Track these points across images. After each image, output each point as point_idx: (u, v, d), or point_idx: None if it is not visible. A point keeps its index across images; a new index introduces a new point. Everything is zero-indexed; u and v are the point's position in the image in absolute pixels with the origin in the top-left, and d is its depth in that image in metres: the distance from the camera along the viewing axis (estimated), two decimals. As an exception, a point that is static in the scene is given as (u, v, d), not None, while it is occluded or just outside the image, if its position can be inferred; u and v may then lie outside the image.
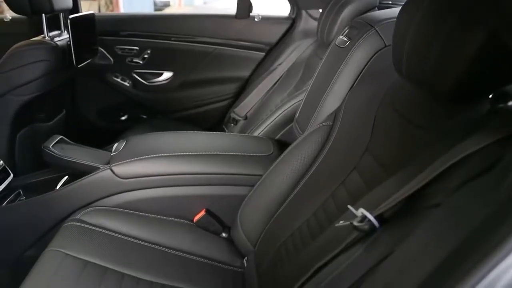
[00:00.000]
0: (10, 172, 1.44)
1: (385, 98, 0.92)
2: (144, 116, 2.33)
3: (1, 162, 1.42)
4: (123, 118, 2.30)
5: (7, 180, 1.41)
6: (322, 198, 0.93)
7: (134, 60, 2.20)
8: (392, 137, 0.83)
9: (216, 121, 2.26)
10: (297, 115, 1.38)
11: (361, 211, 0.63)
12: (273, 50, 2.19)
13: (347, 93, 1.10)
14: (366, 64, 1.14)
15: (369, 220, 0.62)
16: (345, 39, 1.22)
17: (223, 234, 1.23)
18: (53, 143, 1.32)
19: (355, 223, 0.63)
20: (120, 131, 2.00)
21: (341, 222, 0.68)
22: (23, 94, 1.47)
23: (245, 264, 1.12)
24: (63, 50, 1.60)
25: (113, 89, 2.23)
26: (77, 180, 1.20)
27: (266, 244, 1.07)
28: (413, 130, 0.77)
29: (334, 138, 1.03)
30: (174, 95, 2.25)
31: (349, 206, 0.71)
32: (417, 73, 0.73)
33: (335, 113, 1.08)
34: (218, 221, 1.23)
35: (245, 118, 1.97)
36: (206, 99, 2.26)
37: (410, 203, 0.60)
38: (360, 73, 1.16)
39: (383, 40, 1.13)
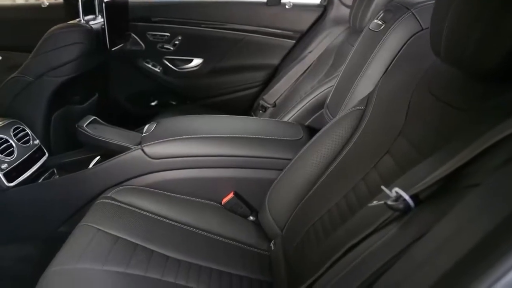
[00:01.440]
0: (46, 151, 1.49)
1: (421, 81, 0.90)
2: (174, 102, 2.36)
3: (37, 141, 1.47)
4: (153, 103, 2.33)
5: (42, 159, 1.46)
6: (353, 182, 0.92)
7: (165, 46, 2.22)
8: (428, 120, 0.81)
9: (244, 108, 2.26)
10: (327, 100, 1.37)
11: (396, 190, 0.62)
12: (304, 37, 2.17)
13: (381, 78, 1.07)
14: (401, 47, 1.12)
15: (404, 200, 0.60)
16: (380, 22, 1.20)
17: (251, 218, 1.24)
18: (86, 122, 1.35)
19: (389, 202, 0.62)
20: (149, 116, 2.03)
21: (374, 202, 0.67)
22: (59, 76, 1.50)
23: (272, 248, 1.12)
24: (97, 34, 1.63)
25: (144, 75, 2.26)
26: (109, 160, 1.23)
27: (294, 228, 1.07)
28: (451, 112, 0.75)
29: (367, 122, 1.01)
30: (204, 82, 2.26)
31: (382, 187, 0.70)
32: (457, 54, 0.71)
33: (368, 98, 1.06)
34: (246, 204, 1.23)
35: (274, 105, 1.96)
36: (235, 86, 2.26)
37: (448, 183, 0.59)
38: (395, 57, 1.13)
39: (419, 23, 1.10)
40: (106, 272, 0.89)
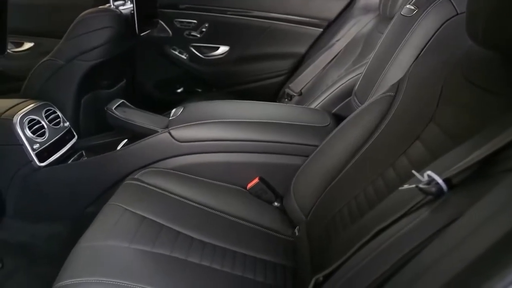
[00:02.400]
0: (75, 134, 1.52)
1: (455, 67, 0.87)
2: (199, 90, 2.37)
3: (68, 124, 1.50)
4: (179, 90, 2.35)
5: (72, 141, 1.49)
6: (381, 168, 0.91)
7: (192, 34, 2.23)
8: (462, 106, 0.79)
9: (270, 96, 2.25)
10: (355, 88, 1.35)
11: (428, 173, 0.60)
12: (332, 25, 2.14)
13: (412, 63, 1.05)
14: (435, 33, 1.09)
15: (437, 183, 0.59)
16: (413, 7, 1.17)
17: (275, 203, 1.24)
18: (115, 105, 1.37)
19: (422, 185, 0.60)
20: (175, 103, 2.04)
21: (405, 186, 0.66)
22: (89, 60, 1.53)
23: (297, 233, 1.12)
24: (126, 19, 1.65)
25: (171, 62, 2.28)
26: (137, 142, 1.24)
27: (319, 214, 1.06)
28: (487, 97, 0.73)
29: (397, 108, 0.99)
30: (230, 70, 2.26)
31: (413, 172, 0.69)
32: (496, 36, 0.68)
33: (398, 84, 1.04)
34: (271, 189, 1.23)
35: (300, 94, 1.94)
36: (261, 74, 2.25)
37: (483, 168, 0.57)
38: (427, 42, 1.10)
39: (454, 7, 1.06)
40: (133, 250, 0.90)
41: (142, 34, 1.72)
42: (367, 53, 1.58)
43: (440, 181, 0.58)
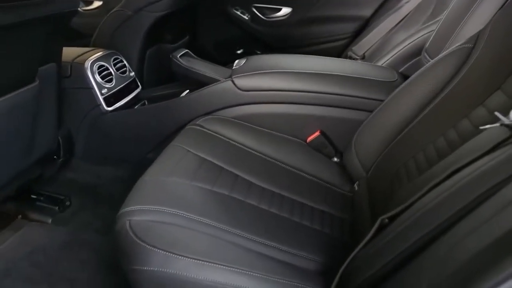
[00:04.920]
0: (139, 84, 1.57)
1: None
2: (259, 52, 2.35)
3: (133, 73, 1.55)
4: (238, 52, 2.34)
5: (136, 90, 1.54)
6: (454, 120, 0.86)
7: (255, -6, 2.20)
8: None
9: (331, 60, 2.20)
10: (427, 45, 1.27)
11: None
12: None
13: (495, 14, 0.97)
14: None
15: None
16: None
17: (335, 159, 1.22)
18: (180, 54, 1.39)
19: (507, 122, 0.56)
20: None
21: (487, 126, 0.62)
22: (156, 11, 1.55)
23: (356, 188, 1.10)
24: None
25: (232, 22, 2.27)
26: (200, 89, 1.26)
27: (381, 168, 1.03)
28: None
29: (475, 59, 0.93)
30: (291, 32, 2.22)
31: (496, 113, 0.64)
32: None
33: (478, 34, 0.97)
34: (331, 144, 1.21)
35: (363, 57, 1.87)
36: (323, 37, 2.19)
37: None
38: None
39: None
40: (194, 187, 0.92)
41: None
42: (440, 12, 1.48)
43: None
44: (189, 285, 0.72)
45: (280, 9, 2.22)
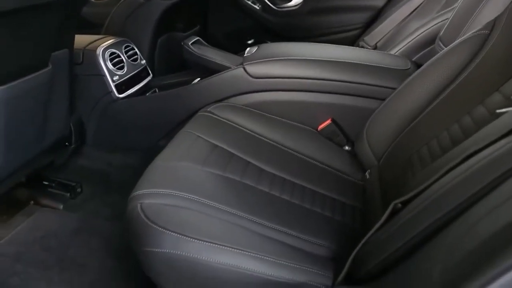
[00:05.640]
0: (150, 72, 1.57)
1: None
2: (270, 42, 2.33)
3: (144, 61, 1.55)
4: (249, 42, 2.33)
5: (147, 78, 1.55)
6: (469, 107, 0.85)
7: (266, -17, 2.19)
8: None
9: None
10: (441, 33, 1.25)
11: None
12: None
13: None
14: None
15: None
16: None
17: (346, 147, 1.21)
18: (191, 41, 1.39)
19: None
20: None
21: (504, 109, 0.60)
22: (168, -1, 1.55)
23: (367, 177, 1.09)
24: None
25: (242, 12, 2.25)
26: (211, 76, 1.25)
27: (394, 156, 1.02)
28: None
29: (491, 46, 0.92)
30: (302, 22, 2.20)
31: (513, 97, 0.63)
32: None
33: (495, 20, 0.95)
34: (343, 132, 1.20)
35: (375, 47, 1.85)
36: (335, 27, 2.17)
37: None
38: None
39: None
40: (205, 172, 0.92)
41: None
42: (455, 1, 1.46)
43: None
44: (200, 267, 0.72)
45: (291, -1, 2.21)
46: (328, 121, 1.19)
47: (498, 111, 0.63)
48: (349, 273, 0.72)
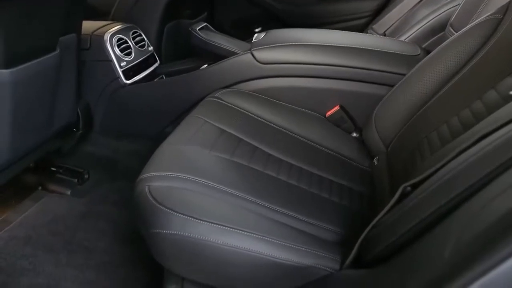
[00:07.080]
0: (157, 59, 1.56)
1: None
2: (277, 30, 2.32)
3: (151, 48, 1.55)
4: (256, 30, 2.31)
5: (154, 65, 1.54)
6: (481, 92, 0.84)
7: (274, -30, 2.17)
8: None
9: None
10: (452, 18, 1.24)
11: None
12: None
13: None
14: None
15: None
16: None
17: (354, 134, 1.20)
18: (199, 27, 1.38)
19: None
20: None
21: (517, 90, 0.59)
22: (176, -16, 1.54)
23: (375, 163, 1.08)
24: None
25: (250, 0, 2.24)
26: (219, 62, 1.25)
27: (402, 143, 1.01)
28: None
29: (504, 30, 0.90)
30: (311, 9, 2.18)
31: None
32: None
33: (508, 5, 0.94)
34: (351, 119, 1.19)
35: (384, 35, 1.83)
36: (344, 15, 2.15)
37: None
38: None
39: None
40: (213, 156, 0.92)
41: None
42: (467, -13, 1.43)
43: None
44: (208, 249, 0.72)
45: (300, -14, 2.18)
46: (336, 108, 1.18)
47: (511, 92, 0.62)
48: (357, 257, 0.71)
